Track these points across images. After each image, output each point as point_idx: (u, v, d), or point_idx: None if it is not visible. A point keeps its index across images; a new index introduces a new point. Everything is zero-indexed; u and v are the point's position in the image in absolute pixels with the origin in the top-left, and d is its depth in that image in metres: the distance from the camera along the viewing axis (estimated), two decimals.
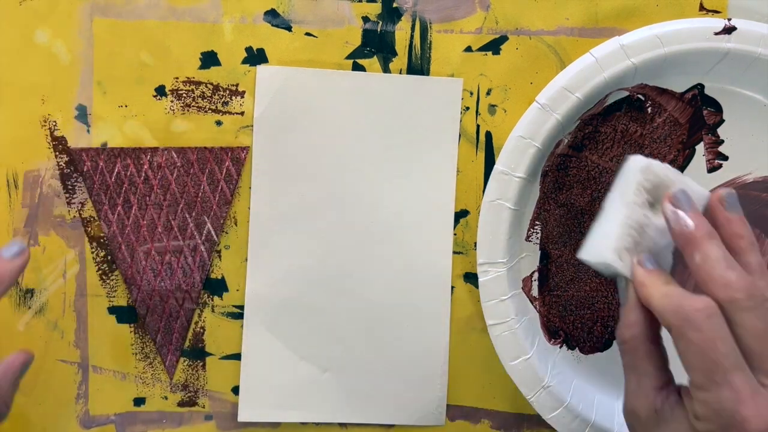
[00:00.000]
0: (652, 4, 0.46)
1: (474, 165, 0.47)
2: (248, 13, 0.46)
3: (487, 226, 0.44)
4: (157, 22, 0.46)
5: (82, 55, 0.46)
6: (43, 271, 0.47)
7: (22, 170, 0.46)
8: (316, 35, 0.46)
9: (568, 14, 0.46)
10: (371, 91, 0.46)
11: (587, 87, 0.43)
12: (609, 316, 0.48)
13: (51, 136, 0.46)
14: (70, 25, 0.45)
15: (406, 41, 0.46)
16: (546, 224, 0.47)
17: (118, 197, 0.46)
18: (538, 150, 0.44)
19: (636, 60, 0.43)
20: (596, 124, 0.46)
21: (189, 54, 0.46)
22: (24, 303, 0.47)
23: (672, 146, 0.46)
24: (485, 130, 0.47)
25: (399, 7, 0.46)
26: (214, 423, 0.48)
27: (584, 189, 0.46)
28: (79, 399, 0.48)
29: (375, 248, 0.47)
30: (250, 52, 0.46)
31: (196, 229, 0.47)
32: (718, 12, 0.46)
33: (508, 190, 0.44)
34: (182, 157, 0.46)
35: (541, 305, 0.47)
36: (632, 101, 0.46)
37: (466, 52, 0.46)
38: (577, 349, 0.48)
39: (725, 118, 0.46)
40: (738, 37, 0.43)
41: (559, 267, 0.47)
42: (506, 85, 0.47)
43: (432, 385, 0.48)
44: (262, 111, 0.46)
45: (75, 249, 0.47)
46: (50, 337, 0.47)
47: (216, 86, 0.46)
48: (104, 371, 0.48)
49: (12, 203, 0.46)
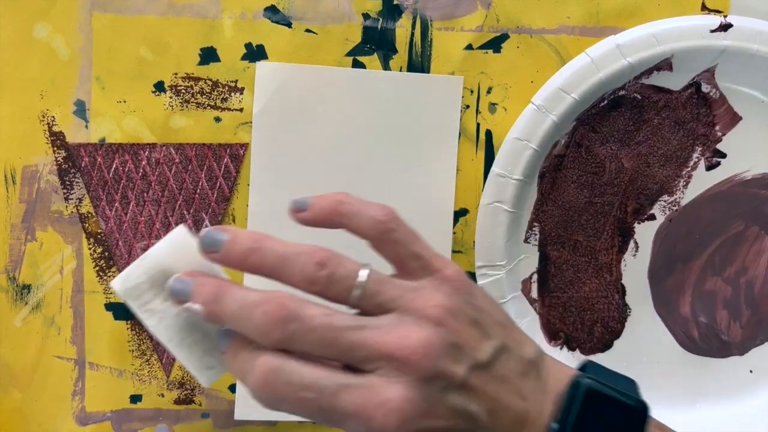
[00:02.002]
0: (653, 4, 0.45)
1: (474, 163, 0.47)
2: (248, 9, 0.46)
3: (484, 229, 0.44)
4: (157, 17, 0.46)
5: (81, 50, 0.46)
6: (40, 266, 0.47)
7: (20, 165, 0.46)
8: (316, 32, 0.46)
9: (569, 13, 0.46)
10: (371, 88, 0.46)
11: (583, 87, 0.43)
12: (609, 317, 0.47)
13: (49, 131, 0.46)
14: (70, 20, 0.45)
15: (407, 39, 0.46)
16: (544, 225, 0.46)
17: (115, 193, 0.46)
18: (534, 151, 0.44)
19: (632, 59, 0.43)
20: (593, 124, 0.46)
21: (188, 50, 0.46)
22: (21, 299, 0.47)
23: (669, 145, 0.46)
24: (485, 129, 0.47)
25: (400, 5, 0.46)
26: (211, 421, 0.48)
27: (582, 189, 0.46)
28: (76, 396, 0.48)
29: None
30: (249, 49, 0.46)
31: (194, 226, 0.47)
32: (719, 12, 0.46)
33: (505, 192, 0.44)
34: (180, 154, 0.46)
35: (540, 307, 0.47)
36: (629, 100, 0.46)
37: (466, 50, 0.46)
38: (577, 350, 0.48)
39: (722, 116, 0.46)
40: (734, 34, 0.43)
41: (558, 268, 0.47)
42: (507, 84, 0.46)
43: None
44: (262, 107, 0.46)
45: (72, 245, 0.47)
46: (47, 333, 0.47)
47: (215, 82, 0.46)
48: (101, 368, 0.48)
49: (10, 198, 0.46)
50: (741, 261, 0.47)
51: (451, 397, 0.31)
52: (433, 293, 0.32)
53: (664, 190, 0.46)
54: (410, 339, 0.31)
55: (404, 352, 0.30)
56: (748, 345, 0.48)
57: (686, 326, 0.48)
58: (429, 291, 0.33)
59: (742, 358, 0.48)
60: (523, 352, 0.34)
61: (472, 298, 0.34)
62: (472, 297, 0.34)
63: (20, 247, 0.47)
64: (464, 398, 0.31)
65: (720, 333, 0.48)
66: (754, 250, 0.47)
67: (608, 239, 0.47)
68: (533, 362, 0.34)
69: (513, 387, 0.33)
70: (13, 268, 0.47)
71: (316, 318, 0.32)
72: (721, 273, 0.47)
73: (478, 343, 0.32)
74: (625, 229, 0.47)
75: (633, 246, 0.47)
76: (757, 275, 0.47)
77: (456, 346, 0.31)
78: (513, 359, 0.33)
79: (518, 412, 0.32)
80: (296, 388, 0.31)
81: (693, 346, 0.48)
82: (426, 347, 0.31)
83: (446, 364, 0.31)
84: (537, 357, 0.34)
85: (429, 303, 0.32)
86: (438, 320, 0.31)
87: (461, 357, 0.31)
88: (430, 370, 0.31)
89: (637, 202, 0.46)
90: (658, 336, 0.48)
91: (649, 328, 0.48)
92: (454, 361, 0.31)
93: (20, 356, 0.47)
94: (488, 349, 0.32)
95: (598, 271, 0.47)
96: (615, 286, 0.47)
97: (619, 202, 0.46)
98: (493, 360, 0.32)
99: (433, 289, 0.33)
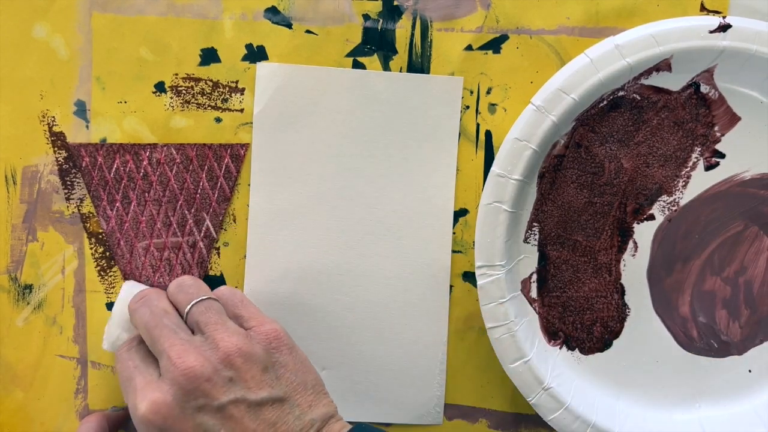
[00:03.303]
0: (652, 4, 0.45)
1: (473, 164, 0.47)
2: (249, 10, 0.46)
3: (484, 229, 0.44)
4: (157, 17, 0.46)
5: (81, 50, 0.46)
6: (41, 266, 0.47)
7: (21, 166, 0.46)
8: (317, 33, 0.46)
9: (568, 14, 0.46)
10: (371, 89, 0.46)
11: (582, 88, 0.43)
12: (608, 317, 0.47)
13: (50, 131, 0.46)
14: (69, 20, 0.45)
15: (407, 39, 0.46)
16: (544, 225, 0.46)
17: (116, 193, 0.46)
18: (534, 152, 0.44)
19: (631, 60, 0.43)
20: (592, 124, 0.46)
21: (189, 50, 0.46)
22: (23, 299, 0.47)
23: (668, 145, 0.46)
24: (485, 129, 0.47)
25: (400, 5, 0.46)
26: None
27: (581, 189, 0.46)
28: (78, 394, 0.48)
29: (374, 246, 0.47)
30: (250, 49, 0.46)
31: (195, 226, 0.47)
32: (719, 12, 0.46)
33: (504, 192, 0.44)
34: (181, 154, 0.46)
35: (540, 307, 0.47)
36: (628, 101, 0.46)
37: (466, 50, 0.46)
38: (576, 349, 0.48)
39: (722, 116, 0.46)
40: (733, 34, 0.43)
41: (557, 268, 0.47)
42: (506, 84, 0.46)
43: (430, 384, 0.48)
44: (262, 108, 0.46)
45: (74, 245, 0.47)
46: (49, 333, 0.47)
47: (216, 83, 0.46)
48: (103, 367, 0.48)
49: (10, 199, 0.46)
50: (740, 261, 0.47)
51: (202, 416, 0.37)
52: (237, 336, 0.39)
53: (663, 191, 0.46)
54: (190, 357, 0.38)
55: (180, 363, 0.38)
56: (747, 345, 0.48)
57: (685, 326, 0.48)
58: (239, 335, 0.40)
59: (741, 357, 0.48)
60: (307, 413, 0.39)
61: (278, 353, 0.40)
62: (280, 353, 0.40)
63: (21, 247, 0.47)
64: (215, 421, 0.37)
65: (719, 333, 0.48)
66: (753, 250, 0.47)
67: (607, 239, 0.47)
68: (314, 422, 0.39)
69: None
70: (14, 268, 0.47)
71: (156, 308, 0.41)
72: (721, 273, 0.47)
73: (257, 386, 0.38)
74: (624, 229, 0.47)
75: (632, 246, 0.47)
76: (756, 275, 0.47)
77: (231, 380, 0.38)
78: (292, 413, 0.39)
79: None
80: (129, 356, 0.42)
81: (692, 346, 0.48)
82: (196, 368, 0.38)
83: (209, 388, 0.38)
84: (321, 420, 0.40)
85: (228, 339, 0.39)
86: (226, 354, 0.38)
87: (231, 389, 0.38)
88: (190, 385, 0.37)
89: (636, 202, 0.46)
90: (657, 336, 0.48)
91: (648, 328, 0.48)
92: (221, 389, 0.38)
93: (22, 356, 0.47)
94: (264, 394, 0.38)
95: (598, 271, 0.47)
96: (614, 286, 0.47)
97: (619, 202, 0.46)
98: (264, 404, 0.38)
99: (243, 335, 0.40)
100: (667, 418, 0.47)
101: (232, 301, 0.43)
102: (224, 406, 0.38)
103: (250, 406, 0.38)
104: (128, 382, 0.40)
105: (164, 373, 0.38)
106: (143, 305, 0.42)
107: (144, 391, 0.38)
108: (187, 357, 0.38)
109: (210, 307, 0.41)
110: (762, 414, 0.47)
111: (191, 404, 0.37)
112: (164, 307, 0.42)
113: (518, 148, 0.44)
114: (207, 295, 0.42)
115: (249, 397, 0.38)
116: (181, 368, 0.38)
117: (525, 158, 0.44)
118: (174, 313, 0.42)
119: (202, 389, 0.37)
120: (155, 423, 0.37)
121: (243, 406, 0.38)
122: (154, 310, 0.41)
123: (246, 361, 0.39)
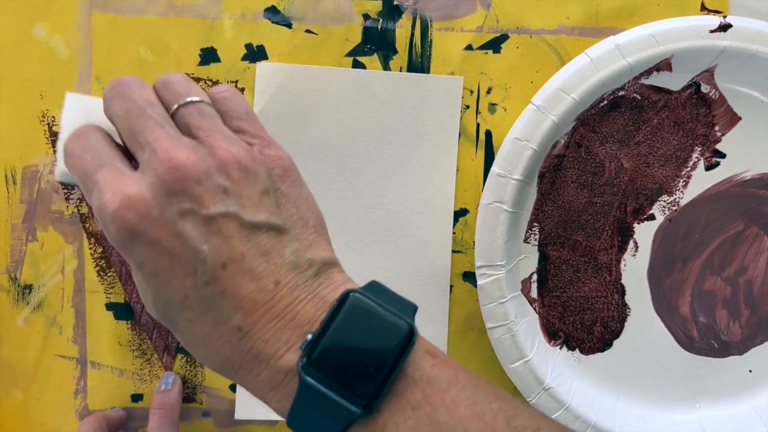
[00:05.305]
0: (653, 4, 0.45)
1: (474, 164, 0.47)
2: (248, 10, 0.46)
3: (484, 229, 0.44)
4: (157, 17, 0.46)
5: (80, 50, 0.46)
6: (41, 266, 0.47)
7: (21, 166, 0.46)
8: (317, 32, 0.46)
9: (568, 13, 0.46)
10: (371, 88, 0.46)
11: (583, 88, 0.43)
12: (608, 317, 0.47)
13: (49, 131, 0.46)
14: (69, 19, 0.45)
15: (407, 39, 0.46)
16: (544, 225, 0.46)
17: None
18: (534, 152, 0.44)
19: (631, 59, 0.43)
20: (593, 124, 0.46)
21: (188, 50, 0.46)
22: (23, 298, 0.47)
23: (669, 145, 0.46)
24: (485, 129, 0.47)
25: (400, 5, 0.46)
26: (212, 420, 0.48)
27: (581, 189, 0.46)
28: (78, 394, 0.48)
29: (374, 246, 0.47)
30: (249, 49, 0.46)
31: None
32: (719, 12, 0.46)
33: (504, 192, 0.44)
34: None
35: (540, 307, 0.47)
36: (628, 101, 0.46)
37: (466, 50, 0.46)
38: (577, 349, 0.48)
39: (722, 116, 0.46)
40: (734, 34, 0.43)
41: (557, 268, 0.47)
42: (506, 84, 0.46)
43: None
44: (262, 108, 0.46)
45: (73, 245, 0.47)
46: (49, 333, 0.47)
47: (216, 83, 0.46)
48: (102, 367, 0.48)
49: (10, 199, 0.46)
50: (740, 261, 0.47)
51: (185, 223, 0.31)
52: (238, 148, 0.32)
53: (663, 190, 0.46)
54: (181, 153, 0.31)
55: (166, 156, 0.31)
56: (747, 345, 0.48)
57: (686, 326, 0.48)
58: (241, 146, 0.33)
59: (741, 357, 0.48)
60: (306, 251, 0.33)
61: (281, 183, 0.34)
62: (283, 182, 0.34)
63: (21, 247, 0.47)
64: (199, 233, 0.31)
65: (719, 333, 0.48)
66: (754, 250, 0.47)
67: (608, 239, 0.47)
68: (312, 263, 0.33)
69: (267, 266, 0.32)
70: (14, 268, 0.47)
71: (139, 96, 0.33)
72: (721, 273, 0.47)
73: (253, 207, 0.32)
74: (624, 229, 0.47)
75: (632, 246, 0.47)
76: (756, 275, 0.47)
77: (225, 191, 0.31)
78: (288, 247, 0.32)
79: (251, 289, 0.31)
80: (84, 147, 0.33)
81: (692, 346, 0.48)
82: (188, 166, 0.31)
83: (200, 192, 0.31)
84: (322, 263, 0.33)
85: (228, 149, 0.32)
86: (222, 163, 0.32)
87: (223, 200, 0.31)
88: (176, 184, 0.30)
89: (636, 202, 0.46)
90: (657, 336, 0.48)
91: (648, 328, 0.48)
92: (212, 197, 0.31)
93: (22, 356, 0.47)
94: (261, 217, 0.32)
95: (598, 271, 0.47)
96: (614, 285, 0.47)
97: (619, 202, 0.46)
98: (259, 227, 0.32)
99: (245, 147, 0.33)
100: (666, 418, 0.47)
101: (235, 112, 0.35)
102: (213, 217, 0.31)
103: (242, 225, 0.31)
104: (88, 177, 0.32)
105: (145, 168, 0.31)
106: (123, 92, 0.33)
107: (115, 184, 0.31)
108: (176, 151, 0.31)
109: (202, 111, 0.34)
110: (762, 414, 0.47)
111: (174, 207, 0.30)
112: (148, 97, 0.33)
113: (518, 148, 0.44)
114: (200, 97, 0.34)
115: (243, 215, 0.31)
116: (168, 162, 0.31)
117: (525, 158, 0.44)
118: (160, 106, 0.34)
119: (189, 191, 0.31)
120: (127, 222, 0.30)
121: (235, 224, 0.31)
122: (137, 99, 0.33)
123: (245, 176, 0.32)
